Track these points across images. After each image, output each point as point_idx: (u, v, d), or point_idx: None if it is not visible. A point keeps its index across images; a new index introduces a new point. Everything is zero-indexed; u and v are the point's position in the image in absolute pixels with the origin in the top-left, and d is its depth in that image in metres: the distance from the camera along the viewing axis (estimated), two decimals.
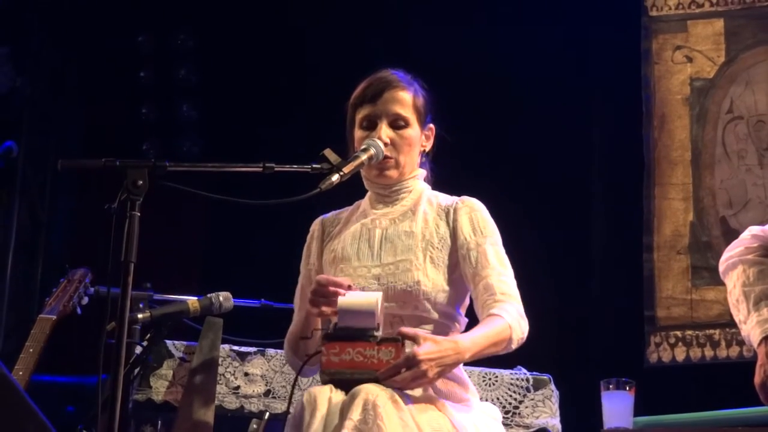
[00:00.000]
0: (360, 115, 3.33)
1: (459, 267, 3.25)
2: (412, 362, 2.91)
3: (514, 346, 3.15)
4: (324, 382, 2.95)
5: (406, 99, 3.33)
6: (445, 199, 3.38)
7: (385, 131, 3.28)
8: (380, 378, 2.90)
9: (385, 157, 3.27)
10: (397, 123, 3.30)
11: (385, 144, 3.26)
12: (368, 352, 2.93)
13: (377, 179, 3.33)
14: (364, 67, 3.45)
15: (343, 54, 5.99)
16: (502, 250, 3.28)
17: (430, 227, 3.28)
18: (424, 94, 3.38)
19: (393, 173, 3.31)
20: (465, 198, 3.35)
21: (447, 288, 3.22)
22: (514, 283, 3.23)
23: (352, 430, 2.76)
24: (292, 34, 6.34)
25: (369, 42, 5.96)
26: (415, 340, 2.97)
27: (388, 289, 3.16)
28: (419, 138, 3.35)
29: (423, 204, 3.33)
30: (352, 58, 5.62)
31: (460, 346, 3.02)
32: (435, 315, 3.20)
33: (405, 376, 2.91)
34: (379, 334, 2.95)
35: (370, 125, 3.30)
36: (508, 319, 3.11)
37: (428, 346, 2.95)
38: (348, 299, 2.99)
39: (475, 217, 3.30)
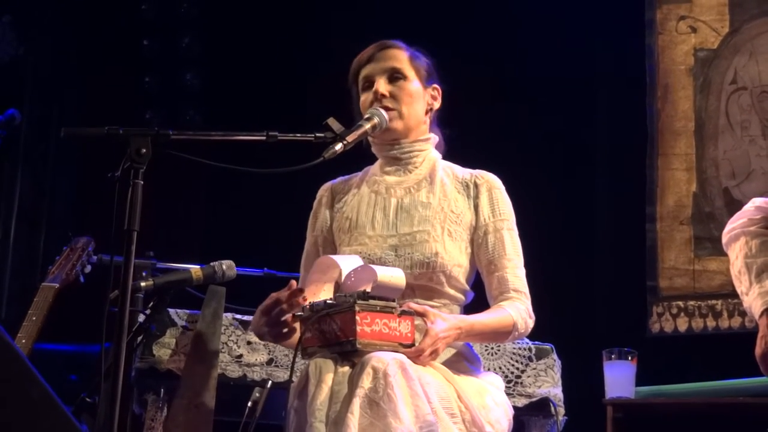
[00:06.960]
0: (360, 77, 3.35)
1: (474, 244, 3.27)
2: (434, 341, 2.97)
3: (511, 339, 3.24)
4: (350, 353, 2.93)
5: (401, 55, 3.34)
6: (461, 171, 3.37)
7: (383, 86, 3.29)
8: (409, 356, 2.92)
9: (386, 109, 3.27)
10: (394, 76, 3.31)
11: (383, 96, 3.27)
12: (392, 324, 2.94)
13: (384, 135, 3.30)
14: (370, 37, 3.44)
15: (350, 22, 5.97)
16: (517, 234, 3.30)
17: (448, 199, 3.28)
18: (425, 58, 3.39)
19: (397, 124, 3.29)
20: (483, 173, 3.36)
21: (462, 263, 3.24)
22: (524, 275, 3.26)
23: (363, 398, 2.77)
24: (297, 2, 6.32)
25: (378, 11, 5.94)
26: (425, 316, 3.01)
27: (405, 259, 3.17)
28: (421, 93, 3.34)
29: (440, 173, 3.33)
30: (359, 26, 5.60)
31: (465, 327, 3.08)
32: (447, 288, 3.22)
33: (426, 354, 2.97)
34: (397, 306, 2.97)
35: (370, 84, 3.31)
36: (515, 316, 3.17)
37: (441, 324, 3.01)
38: (387, 274, 3.03)
39: (495, 195, 3.31)
